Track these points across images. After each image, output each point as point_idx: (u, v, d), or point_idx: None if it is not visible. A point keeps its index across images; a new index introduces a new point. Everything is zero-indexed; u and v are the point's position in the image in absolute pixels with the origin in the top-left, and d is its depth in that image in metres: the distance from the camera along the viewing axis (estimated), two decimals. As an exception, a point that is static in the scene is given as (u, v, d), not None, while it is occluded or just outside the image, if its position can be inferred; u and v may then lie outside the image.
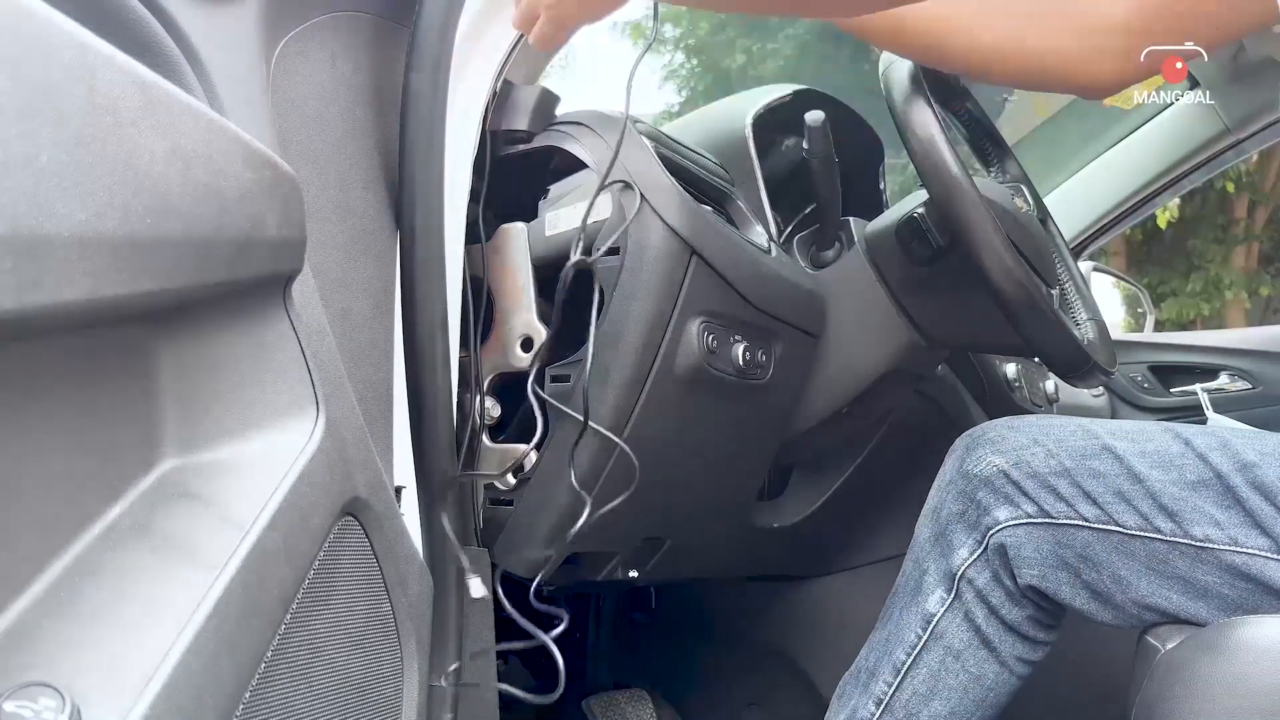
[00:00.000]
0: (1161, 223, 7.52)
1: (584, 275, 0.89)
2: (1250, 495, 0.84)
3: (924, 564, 0.97)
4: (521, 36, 0.93)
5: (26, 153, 0.34)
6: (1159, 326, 2.23)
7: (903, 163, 1.04)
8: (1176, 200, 7.50)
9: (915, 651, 0.95)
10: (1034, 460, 0.92)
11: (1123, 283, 2.22)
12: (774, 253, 1.04)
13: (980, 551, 0.93)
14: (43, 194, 0.35)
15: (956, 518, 0.95)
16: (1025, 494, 0.91)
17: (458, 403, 0.88)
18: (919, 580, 0.97)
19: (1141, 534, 0.87)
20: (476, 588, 0.82)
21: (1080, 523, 0.89)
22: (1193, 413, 1.80)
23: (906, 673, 0.96)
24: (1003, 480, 0.92)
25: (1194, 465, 0.87)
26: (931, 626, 0.95)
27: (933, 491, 1.00)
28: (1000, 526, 0.92)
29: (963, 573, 0.94)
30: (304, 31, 0.74)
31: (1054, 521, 0.90)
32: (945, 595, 0.95)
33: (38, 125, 0.35)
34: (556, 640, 0.83)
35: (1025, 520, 0.91)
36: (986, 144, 1.25)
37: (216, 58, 0.62)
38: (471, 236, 0.92)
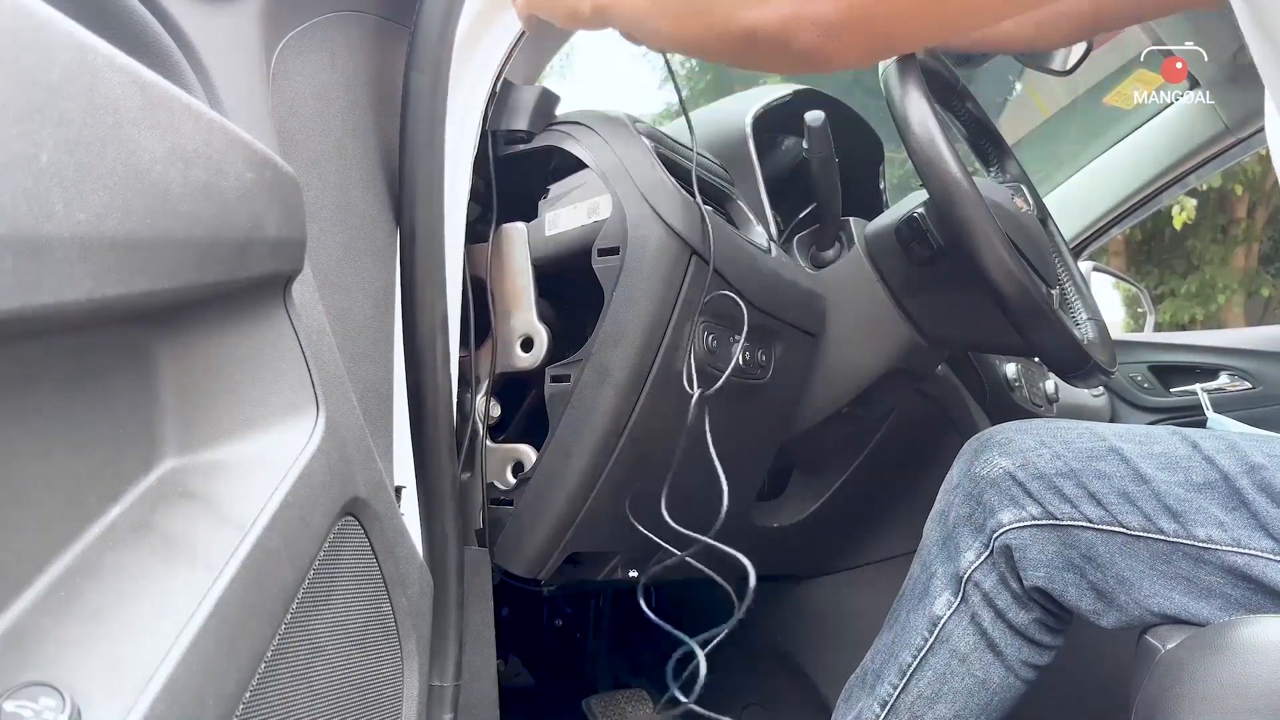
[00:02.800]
0: (1177, 224, 7.51)
1: (585, 276, 0.89)
2: (1256, 498, 0.84)
3: (931, 567, 0.97)
4: (521, 36, 0.93)
5: (27, 153, 0.34)
6: (1156, 328, 2.23)
7: (901, 158, 1.04)
8: (1193, 201, 7.51)
9: (921, 654, 0.95)
10: (1040, 461, 0.92)
11: (1123, 283, 2.22)
12: (774, 253, 1.04)
13: (986, 554, 0.93)
14: (43, 194, 0.35)
15: (963, 520, 0.95)
16: (1030, 495, 0.91)
17: (458, 403, 0.88)
18: (926, 583, 0.97)
19: (1145, 534, 0.87)
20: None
21: (1084, 523, 0.89)
22: (1193, 413, 1.80)
23: (912, 675, 0.96)
24: (1009, 482, 0.93)
25: (1201, 467, 0.87)
26: (938, 629, 0.95)
27: (940, 495, 1.00)
28: (1005, 529, 0.92)
29: (969, 575, 0.94)
30: (304, 31, 0.74)
31: (1058, 523, 0.90)
32: (952, 598, 0.95)
33: (38, 125, 0.35)
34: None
35: (1030, 522, 0.91)
36: (986, 144, 1.25)
37: (217, 58, 0.62)
38: (472, 236, 0.92)
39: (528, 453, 0.91)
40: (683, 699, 0.83)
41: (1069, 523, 0.90)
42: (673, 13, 0.76)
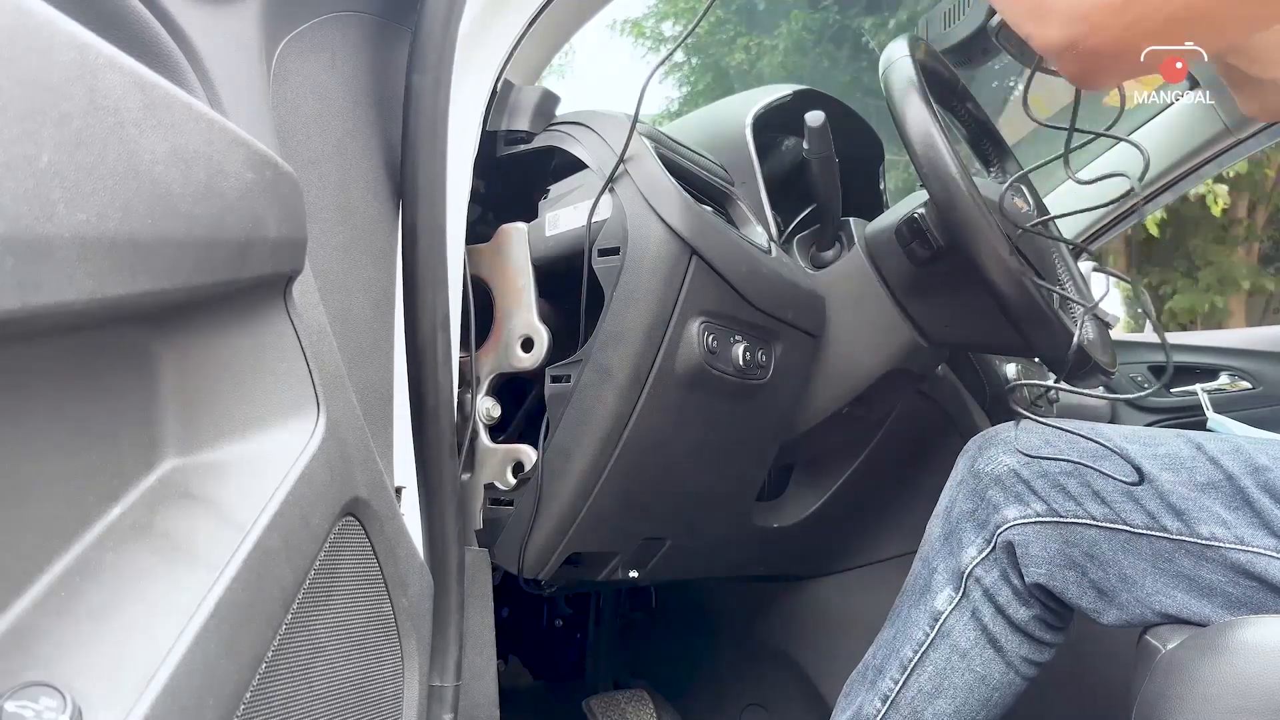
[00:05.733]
0: (1215, 211, 7.44)
1: (585, 275, 0.90)
2: (1260, 497, 0.84)
3: (933, 562, 0.98)
4: (522, 36, 0.93)
5: (28, 153, 0.34)
6: (1166, 324, 2.23)
7: (903, 161, 1.04)
8: (1224, 187, 7.43)
9: (922, 649, 0.96)
10: (1045, 460, 0.92)
11: (1123, 283, 2.22)
12: (774, 253, 1.04)
13: (989, 550, 0.93)
14: (44, 194, 0.35)
15: (967, 516, 0.95)
16: (1035, 493, 0.92)
17: (458, 403, 0.88)
18: (928, 579, 0.98)
19: (1148, 532, 0.88)
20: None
21: (1088, 521, 0.90)
22: (1193, 413, 1.80)
23: (913, 670, 0.96)
24: (1013, 479, 0.93)
25: (1205, 468, 0.87)
26: (939, 625, 0.95)
27: (945, 491, 1.00)
28: (1008, 525, 0.92)
29: (971, 571, 0.94)
30: (304, 31, 0.74)
31: (1062, 520, 0.91)
32: (953, 594, 0.95)
33: (39, 126, 0.35)
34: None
35: (1034, 519, 0.91)
36: (986, 144, 1.25)
37: (217, 58, 0.62)
38: (472, 236, 0.92)
39: (528, 453, 0.91)
40: None
41: (1072, 520, 0.90)
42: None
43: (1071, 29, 0.72)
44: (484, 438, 0.93)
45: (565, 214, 0.92)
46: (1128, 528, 0.89)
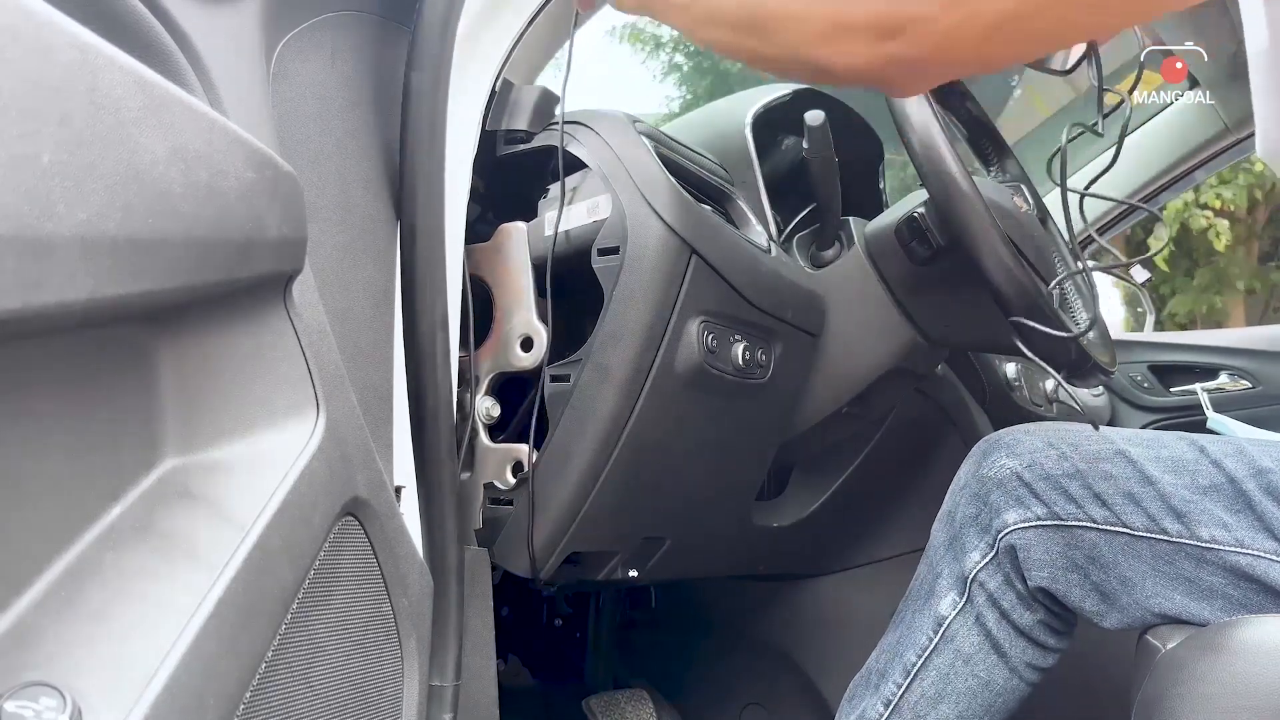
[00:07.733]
0: (1219, 246, 7.52)
1: (585, 275, 0.90)
2: (1262, 499, 0.84)
3: (938, 567, 0.98)
4: (521, 35, 0.93)
5: (28, 152, 0.34)
6: (1165, 323, 2.23)
7: (903, 159, 1.04)
8: (1225, 222, 7.53)
9: (926, 654, 0.95)
10: (1047, 462, 0.92)
11: (1123, 282, 2.22)
12: (774, 252, 1.04)
13: (991, 554, 0.93)
14: (44, 194, 0.35)
15: (970, 521, 0.95)
16: (1036, 496, 0.92)
17: (457, 403, 0.88)
18: (932, 583, 0.98)
19: (1148, 535, 0.88)
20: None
21: (1089, 524, 0.90)
22: (1193, 412, 1.80)
23: (916, 675, 0.96)
24: (1015, 482, 0.93)
25: (1207, 470, 0.87)
26: (943, 629, 0.95)
27: (948, 495, 1.00)
28: (1010, 529, 0.92)
29: (975, 575, 0.94)
30: (304, 31, 0.74)
31: (1063, 523, 0.90)
32: (957, 598, 0.95)
33: (40, 125, 0.35)
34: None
35: (1035, 522, 0.91)
36: (986, 144, 1.25)
37: (217, 58, 0.62)
38: (471, 236, 0.92)
39: (527, 452, 0.91)
40: None
41: (1074, 523, 0.90)
42: (727, 24, 0.67)
43: (884, 45, 0.59)
44: (483, 437, 0.93)
45: (565, 213, 0.92)
46: (1128, 530, 0.89)
